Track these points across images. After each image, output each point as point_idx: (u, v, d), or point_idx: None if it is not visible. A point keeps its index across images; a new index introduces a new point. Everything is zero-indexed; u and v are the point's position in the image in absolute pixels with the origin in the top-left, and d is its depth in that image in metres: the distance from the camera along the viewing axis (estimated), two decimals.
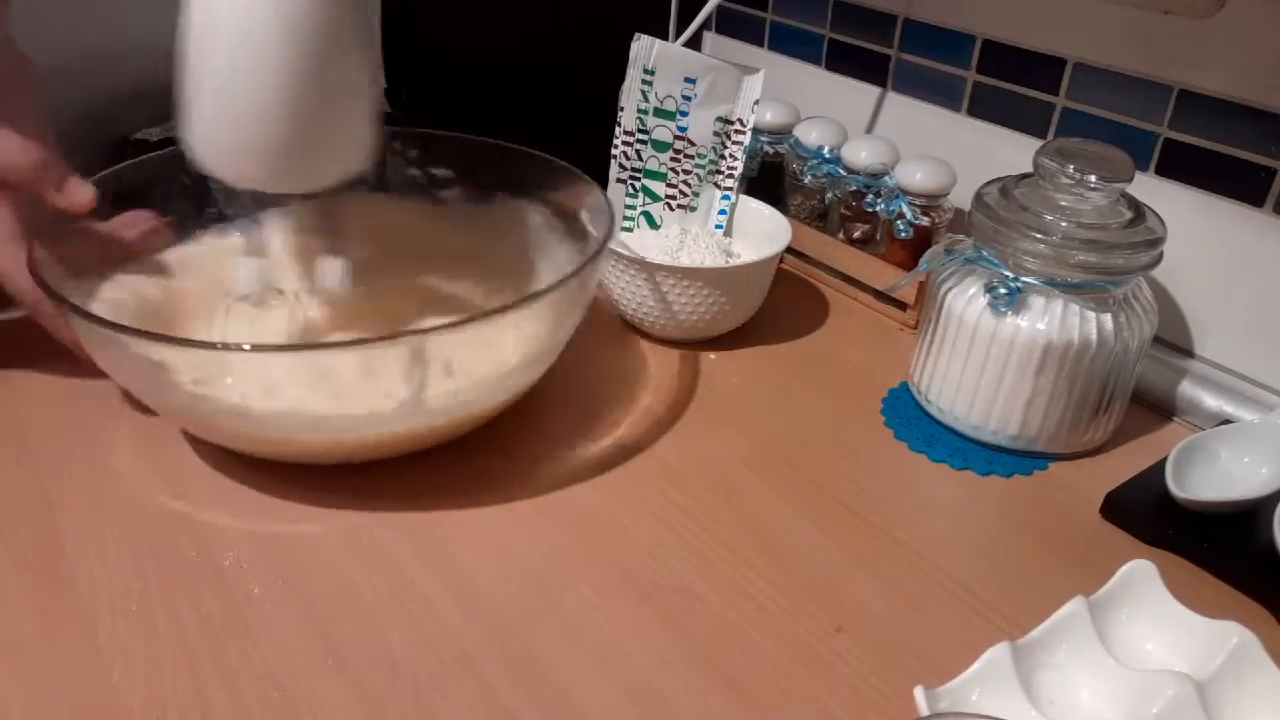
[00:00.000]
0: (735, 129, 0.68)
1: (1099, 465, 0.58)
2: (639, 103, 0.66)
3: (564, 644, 0.44)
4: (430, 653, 0.43)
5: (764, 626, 0.45)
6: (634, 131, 0.67)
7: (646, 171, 0.68)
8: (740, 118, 0.67)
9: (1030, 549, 0.52)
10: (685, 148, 0.68)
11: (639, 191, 0.69)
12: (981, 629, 0.46)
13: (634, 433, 0.58)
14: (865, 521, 0.52)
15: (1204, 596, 0.48)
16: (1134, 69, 0.63)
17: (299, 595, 0.46)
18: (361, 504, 0.51)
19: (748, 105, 0.67)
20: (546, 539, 0.50)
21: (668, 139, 0.67)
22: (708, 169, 0.69)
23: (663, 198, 0.69)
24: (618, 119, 0.66)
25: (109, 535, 0.48)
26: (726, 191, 0.69)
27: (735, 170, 0.69)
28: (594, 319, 0.70)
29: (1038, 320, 0.55)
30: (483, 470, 0.54)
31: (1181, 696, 0.39)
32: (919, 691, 0.39)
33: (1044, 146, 0.57)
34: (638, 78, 0.65)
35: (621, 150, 0.67)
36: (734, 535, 0.51)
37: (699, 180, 0.69)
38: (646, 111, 0.66)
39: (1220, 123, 0.59)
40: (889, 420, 0.61)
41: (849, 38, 0.81)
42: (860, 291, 0.74)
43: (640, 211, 0.69)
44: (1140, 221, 0.55)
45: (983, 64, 0.71)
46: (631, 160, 0.67)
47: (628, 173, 0.68)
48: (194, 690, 0.41)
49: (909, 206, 0.68)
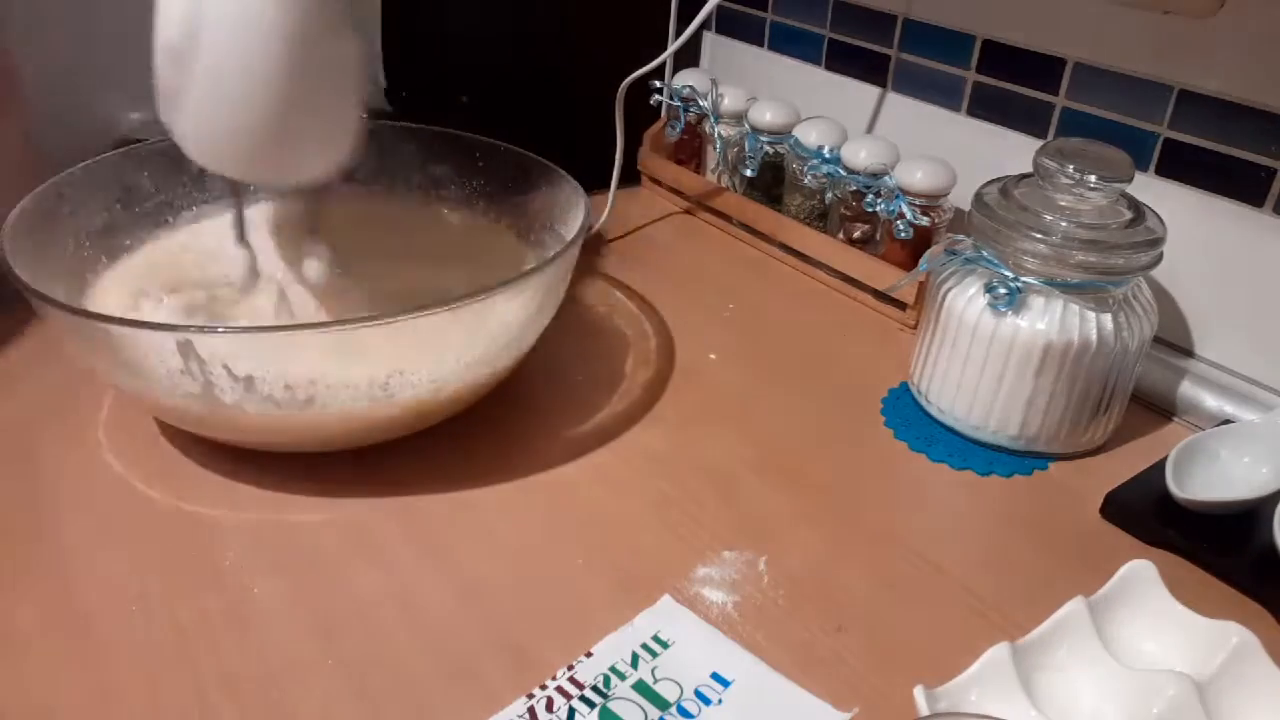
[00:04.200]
0: None
1: (1099, 465, 0.58)
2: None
3: (563, 636, 0.44)
4: (430, 649, 0.43)
5: (764, 626, 0.45)
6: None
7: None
8: None
9: (1030, 549, 0.52)
10: None
11: None
12: (981, 629, 0.46)
13: (633, 433, 0.58)
14: (865, 521, 0.52)
15: (1204, 596, 0.48)
16: (1134, 69, 0.63)
17: (299, 594, 0.46)
18: (359, 498, 0.51)
19: None
20: (544, 532, 0.50)
21: None
22: None
23: None
24: None
25: (108, 535, 0.48)
26: None
27: None
28: (593, 319, 0.70)
29: (1038, 320, 0.55)
30: (480, 462, 0.54)
31: (1181, 696, 0.39)
32: (919, 691, 0.39)
33: (1044, 146, 0.57)
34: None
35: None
36: (733, 534, 0.51)
37: None
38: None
39: (1220, 123, 0.59)
40: (889, 420, 0.61)
41: (849, 38, 0.81)
42: (860, 291, 0.74)
43: None
44: (1140, 221, 0.55)
45: (983, 64, 0.72)
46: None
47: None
48: (194, 690, 0.41)
49: (909, 206, 0.68)
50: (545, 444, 0.57)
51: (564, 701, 0.41)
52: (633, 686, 0.42)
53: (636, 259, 0.79)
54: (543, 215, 0.64)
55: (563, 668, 0.42)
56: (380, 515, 0.51)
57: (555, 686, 0.42)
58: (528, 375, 0.60)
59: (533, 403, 0.60)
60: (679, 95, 0.84)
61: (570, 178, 0.61)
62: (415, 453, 0.54)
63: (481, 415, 0.56)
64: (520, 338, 0.55)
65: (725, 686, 0.42)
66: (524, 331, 0.55)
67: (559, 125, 0.81)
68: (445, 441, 0.54)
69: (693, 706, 0.41)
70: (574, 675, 0.42)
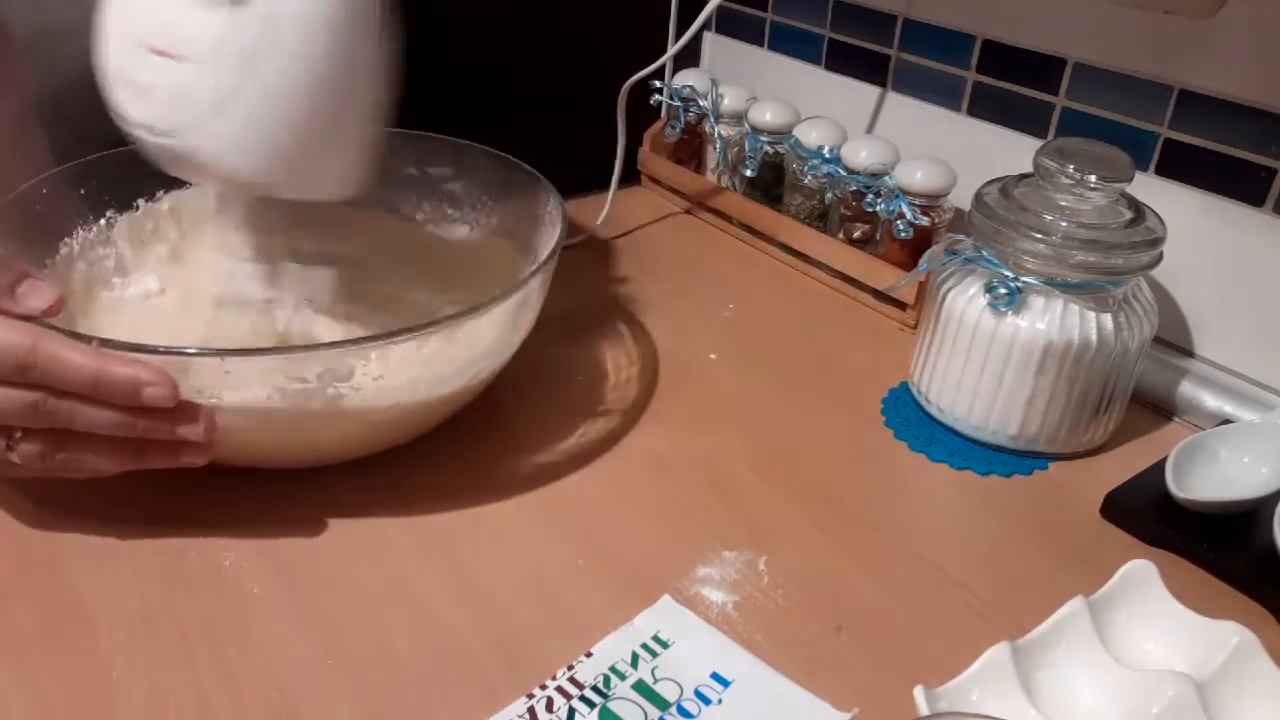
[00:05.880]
0: None
1: (1099, 465, 0.58)
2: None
3: (563, 636, 0.44)
4: (430, 649, 0.43)
5: (764, 626, 0.45)
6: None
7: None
8: None
9: (1030, 549, 0.52)
10: None
11: None
12: (981, 629, 0.46)
13: (634, 433, 0.58)
14: (865, 521, 0.52)
15: (1204, 596, 0.48)
16: (1134, 69, 0.63)
17: (299, 594, 0.46)
18: (360, 499, 0.51)
19: None
20: (545, 533, 0.50)
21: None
22: None
23: None
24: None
25: (108, 535, 0.48)
26: None
27: None
28: (593, 319, 0.70)
29: (1038, 320, 0.55)
30: (480, 463, 0.54)
31: (1181, 696, 0.39)
32: (919, 691, 0.39)
33: (1044, 146, 0.57)
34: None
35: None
36: (733, 534, 0.51)
37: None
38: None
39: (1220, 123, 0.59)
40: (889, 420, 0.61)
41: (849, 38, 0.81)
42: (860, 291, 0.74)
43: None
44: (1140, 221, 0.55)
45: (983, 64, 0.72)
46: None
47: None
48: (194, 690, 0.41)
49: (909, 206, 0.68)
50: (545, 444, 0.57)
51: (564, 701, 0.41)
52: (633, 686, 0.42)
53: (636, 259, 0.79)
54: (527, 222, 0.63)
55: (563, 668, 0.42)
56: (381, 515, 0.51)
57: (555, 686, 0.42)
58: (528, 376, 0.60)
59: (533, 403, 0.60)
60: (679, 95, 0.84)
61: (552, 187, 0.60)
62: (414, 454, 0.54)
63: (481, 416, 0.56)
64: (495, 351, 0.54)
65: (725, 686, 0.42)
66: (498, 346, 0.54)
67: (559, 126, 0.81)
68: (444, 443, 0.54)
69: (693, 706, 0.41)
70: (574, 675, 0.42)
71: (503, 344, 0.54)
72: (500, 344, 0.54)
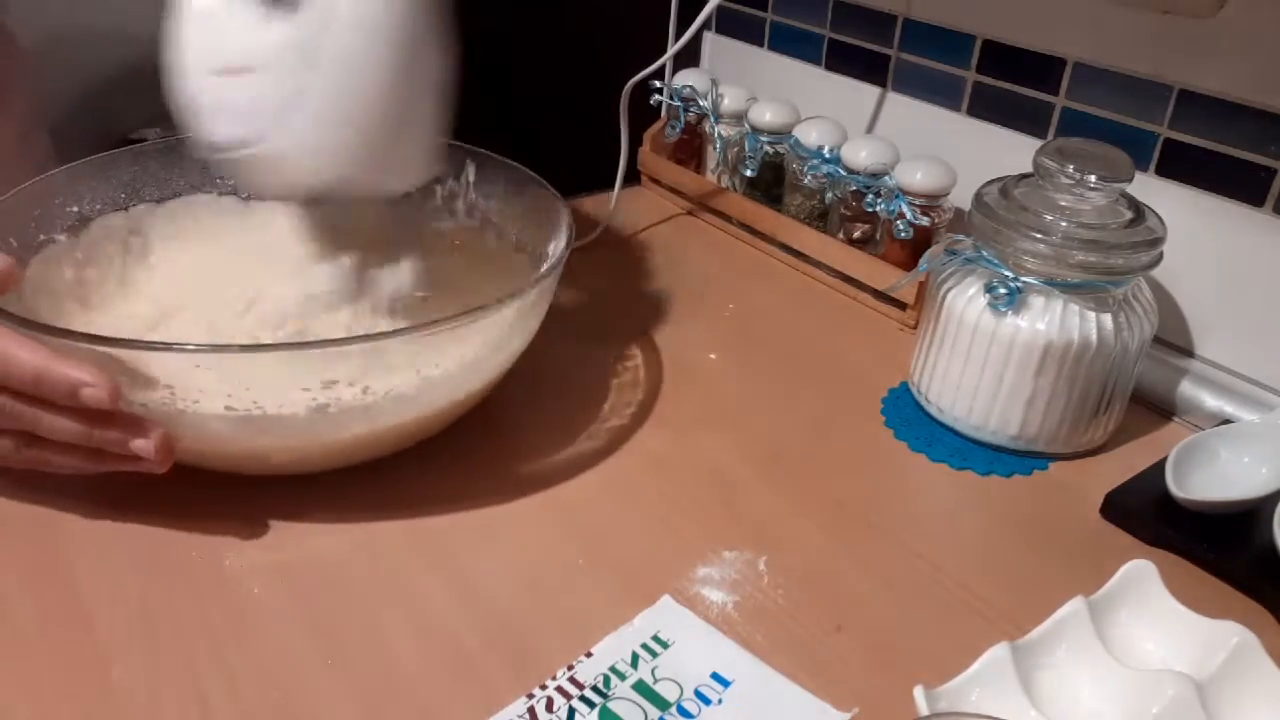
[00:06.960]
0: None
1: (1099, 465, 0.58)
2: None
3: (563, 636, 0.44)
4: (430, 650, 0.43)
5: (764, 626, 0.45)
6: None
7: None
8: None
9: (1030, 549, 0.52)
10: None
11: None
12: (981, 629, 0.46)
13: (632, 432, 0.58)
14: (865, 521, 0.52)
15: (1204, 596, 0.48)
16: (1134, 69, 0.63)
17: (300, 595, 0.46)
18: (359, 501, 0.51)
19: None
20: (545, 533, 0.50)
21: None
22: None
23: None
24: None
25: (109, 535, 0.48)
26: None
27: None
28: (594, 320, 0.70)
29: (1038, 320, 0.55)
30: (481, 464, 0.54)
31: (1181, 696, 0.39)
32: (919, 691, 0.39)
33: (1044, 146, 0.57)
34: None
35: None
36: (733, 534, 0.51)
37: None
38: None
39: (1220, 123, 0.59)
40: (889, 420, 0.61)
41: (849, 38, 0.81)
42: (860, 291, 0.74)
43: None
44: (1140, 221, 0.55)
45: (983, 64, 0.72)
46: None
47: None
48: (194, 690, 0.41)
49: (909, 206, 0.68)
50: (545, 445, 0.57)
51: (564, 701, 0.41)
52: (633, 686, 0.42)
53: (636, 259, 0.79)
54: (532, 227, 0.63)
55: (563, 668, 0.43)
56: (381, 516, 0.51)
57: (555, 686, 0.42)
58: (528, 377, 0.60)
59: (532, 403, 0.60)
60: (679, 95, 0.84)
61: (558, 195, 0.60)
62: (415, 456, 0.54)
63: (480, 417, 0.56)
64: (497, 357, 0.54)
65: (725, 686, 0.42)
66: (500, 352, 0.54)
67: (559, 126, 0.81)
68: (444, 443, 0.54)
69: (693, 706, 0.41)
70: (574, 675, 0.42)
71: (505, 349, 0.54)
72: (502, 349, 0.54)
